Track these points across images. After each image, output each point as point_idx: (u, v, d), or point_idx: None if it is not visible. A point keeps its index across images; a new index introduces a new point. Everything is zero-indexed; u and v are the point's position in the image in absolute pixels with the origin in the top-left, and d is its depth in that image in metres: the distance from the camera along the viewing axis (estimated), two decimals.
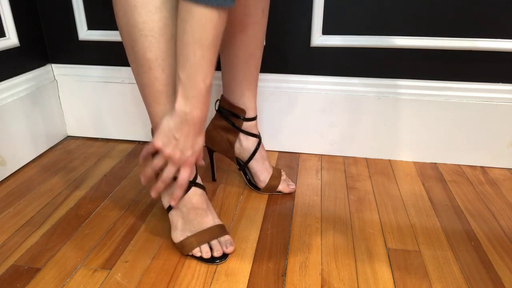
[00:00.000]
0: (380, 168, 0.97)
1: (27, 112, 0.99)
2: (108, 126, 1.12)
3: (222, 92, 0.83)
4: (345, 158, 1.03)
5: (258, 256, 0.68)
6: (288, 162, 1.01)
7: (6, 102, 0.93)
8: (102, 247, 0.70)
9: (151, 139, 0.68)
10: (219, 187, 0.89)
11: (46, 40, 1.06)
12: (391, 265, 0.66)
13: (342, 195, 0.86)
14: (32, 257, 0.68)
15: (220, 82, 0.84)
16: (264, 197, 0.85)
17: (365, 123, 0.99)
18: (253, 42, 0.75)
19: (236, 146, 0.83)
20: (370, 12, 0.90)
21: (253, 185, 0.86)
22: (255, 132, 0.83)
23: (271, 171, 0.85)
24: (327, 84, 0.98)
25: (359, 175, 0.94)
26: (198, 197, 0.69)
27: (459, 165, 0.99)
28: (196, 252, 0.66)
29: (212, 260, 0.66)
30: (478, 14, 0.86)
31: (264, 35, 0.77)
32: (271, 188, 0.85)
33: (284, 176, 0.87)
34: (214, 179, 0.91)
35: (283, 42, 0.96)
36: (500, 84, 0.92)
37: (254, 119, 0.82)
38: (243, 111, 0.80)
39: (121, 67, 1.04)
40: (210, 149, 0.86)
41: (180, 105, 0.59)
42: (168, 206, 0.70)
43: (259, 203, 0.83)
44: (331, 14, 0.91)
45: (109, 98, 1.08)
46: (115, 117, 1.10)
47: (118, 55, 1.02)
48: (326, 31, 0.93)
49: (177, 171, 0.65)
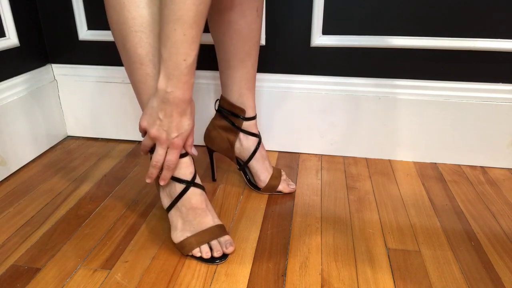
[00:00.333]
0: (380, 168, 0.97)
1: (27, 112, 0.99)
2: (108, 126, 1.12)
3: (221, 92, 0.83)
4: (345, 158, 1.03)
5: (258, 256, 0.68)
6: (288, 162, 1.01)
7: (6, 102, 0.93)
8: (102, 247, 0.70)
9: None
10: (219, 187, 0.89)
11: (46, 40, 1.06)
12: (391, 265, 0.66)
13: (342, 195, 0.86)
14: (32, 257, 0.68)
15: (219, 82, 0.84)
16: (264, 197, 0.85)
17: (365, 123, 0.99)
18: (249, 41, 0.75)
19: (236, 145, 0.83)
20: (370, 12, 0.90)
21: (253, 185, 0.86)
22: (255, 131, 0.83)
23: (271, 170, 0.85)
24: (327, 84, 0.98)
25: (359, 175, 0.94)
26: (198, 197, 0.69)
27: (459, 165, 0.99)
28: (196, 252, 0.66)
29: (212, 260, 0.66)
30: (478, 14, 0.86)
31: (260, 34, 0.77)
32: (271, 188, 0.85)
33: (284, 176, 0.87)
34: (214, 179, 0.91)
35: (283, 42, 0.96)
36: (500, 84, 0.92)
37: (254, 118, 0.82)
38: (243, 111, 0.80)
39: (121, 67, 1.04)
40: (210, 149, 0.86)
41: (161, 84, 0.58)
42: (168, 206, 0.70)
43: (259, 203, 0.83)
44: (331, 14, 0.91)
45: (109, 98, 1.08)
46: (115, 117, 1.10)
47: (118, 55, 1.02)
48: (326, 31, 0.93)
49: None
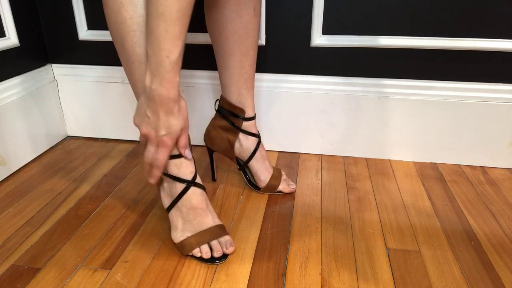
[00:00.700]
0: (380, 168, 0.97)
1: (27, 112, 0.99)
2: (108, 126, 1.12)
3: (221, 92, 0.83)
4: (345, 158, 1.03)
5: (258, 256, 0.68)
6: (288, 162, 1.01)
7: (6, 102, 0.93)
8: (102, 247, 0.70)
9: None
10: (219, 187, 0.89)
11: (46, 40, 1.06)
12: (391, 265, 0.66)
13: (342, 195, 0.86)
14: (32, 257, 0.68)
15: (218, 82, 0.84)
16: (264, 197, 0.85)
17: (365, 123, 0.99)
18: (246, 41, 0.75)
19: (236, 145, 0.83)
20: (370, 12, 0.90)
21: (253, 185, 0.86)
22: (254, 131, 0.83)
23: (271, 170, 0.85)
24: (327, 84, 0.98)
25: (359, 175, 0.94)
26: (198, 197, 0.69)
27: (459, 165, 0.99)
28: (196, 252, 0.66)
29: (212, 260, 0.66)
30: (478, 14, 0.86)
31: (257, 34, 0.77)
32: (272, 188, 0.85)
33: (284, 176, 0.87)
34: (214, 179, 0.91)
35: (283, 42, 0.96)
36: (500, 84, 0.92)
37: (253, 118, 0.82)
38: (242, 111, 0.80)
39: (121, 67, 1.04)
40: (210, 149, 0.86)
41: (147, 81, 0.58)
42: (168, 206, 0.70)
43: (259, 203, 0.83)
44: (331, 14, 0.91)
45: (109, 98, 1.08)
46: (115, 117, 1.10)
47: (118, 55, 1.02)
48: (326, 31, 0.93)
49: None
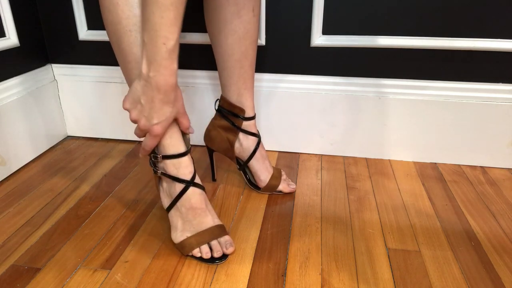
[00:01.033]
0: (380, 168, 0.97)
1: (27, 112, 0.99)
2: (108, 126, 1.12)
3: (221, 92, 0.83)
4: (345, 158, 1.03)
5: (258, 256, 0.68)
6: (288, 162, 1.01)
7: (6, 102, 0.93)
8: (102, 247, 0.70)
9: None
10: (219, 187, 0.89)
11: (46, 40, 1.06)
12: (391, 265, 0.66)
13: (342, 195, 0.86)
14: (32, 257, 0.68)
15: (218, 82, 0.84)
16: (264, 197, 0.85)
17: (365, 123, 0.99)
18: (245, 41, 0.75)
19: (236, 145, 0.83)
20: (370, 12, 0.90)
21: (253, 184, 0.86)
22: (254, 131, 0.83)
23: (271, 170, 0.85)
24: (327, 84, 0.98)
25: (359, 175, 0.94)
26: (197, 197, 0.69)
27: (459, 165, 0.99)
28: (196, 252, 0.66)
29: (212, 260, 0.66)
30: (478, 14, 0.86)
31: (257, 34, 0.77)
32: (272, 188, 0.85)
33: (284, 176, 0.87)
34: (214, 179, 0.91)
35: (283, 42, 0.96)
36: (500, 84, 0.92)
37: (253, 118, 0.82)
38: (242, 111, 0.80)
39: None
40: (210, 149, 0.86)
41: (144, 68, 0.58)
42: (167, 206, 0.70)
43: (259, 203, 0.83)
44: (331, 14, 0.91)
45: (109, 98, 1.08)
46: (115, 117, 1.10)
47: None
48: (326, 31, 0.93)
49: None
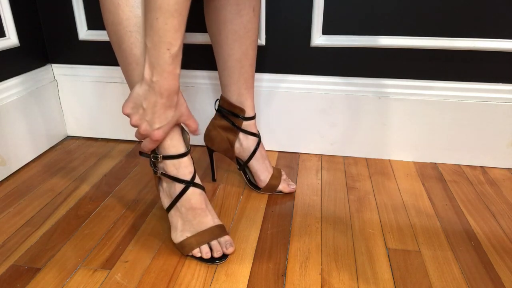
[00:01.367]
0: (380, 168, 0.97)
1: (27, 112, 0.99)
2: (108, 126, 1.12)
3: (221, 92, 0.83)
4: (345, 158, 1.03)
5: (258, 256, 0.68)
6: (288, 162, 1.01)
7: (6, 102, 0.93)
8: (102, 247, 0.70)
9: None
10: (219, 187, 0.89)
11: (46, 40, 1.06)
12: (391, 265, 0.66)
13: (342, 195, 0.86)
14: (32, 257, 0.68)
15: (218, 82, 0.84)
16: (264, 197, 0.85)
17: (365, 123, 0.99)
18: (246, 41, 0.75)
19: (236, 145, 0.83)
20: (370, 12, 0.90)
21: (253, 184, 0.86)
22: (254, 131, 0.83)
23: (271, 170, 0.85)
24: (327, 84, 0.98)
25: (359, 175, 0.94)
26: (197, 197, 0.69)
27: (459, 165, 0.99)
28: (196, 252, 0.66)
29: (212, 260, 0.66)
30: (478, 14, 0.86)
31: (257, 34, 0.77)
32: (272, 188, 0.85)
33: (284, 176, 0.87)
34: (214, 179, 0.91)
35: (283, 42, 0.96)
36: (500, 84, 0.92)
37: (253, 118, 0.82)
38: (242, 110, 0.80)
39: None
40: (210, 149, 0.86)
41: (147, 73, 0.58)
42: (167, 206, 0.70)
43: (259, 203, 0.83)
44: (331, 14, 0.91)
45: (109, 98, 1.08)
46: (115, 117, 1.10)
47: None
48: (326, 31, 0.93)
49: None
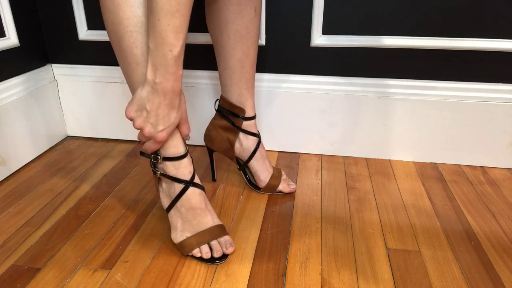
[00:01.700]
0: (380, 168, 0.97)
1: (27, 112, 0.99)
2: (108, 126, 1.12)
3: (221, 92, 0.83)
4: (345, 158, 1.03)
5: (258, 256, 0.68)
6: (288, 162, 1.01)
7: (6, 102, 0.93)
8: (102, 247, 0.70)
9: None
10: (219, 187, 0.89)
11: (46, 40, 1.06)
12: (391, 265, 0.66)
13: (342, 195, 0.86)
14: (32, 257, 0.68)
15: (219, 82, 0.84)
16: (264, 197, 0.85)
17: (365, 123, 0.99)
18: (247, 41, 0.75)
19: (236, 145, 0.83)
20: (370, 12, 0.90)
21: (253, 184, 0.86)
22: (254, 131, 0.83)
23: (271, 170, 0.85)
24: (327, 84, 0.98)
25: (359, 175, 0.94)
26: (197, 197, 0.69)
27: (459, 165, 0.99)
28: (196, 252, 0.66)
29: (212, 260, 0.66)
30: (478, 14, 0.86)
31: (258, 34, 0.77)
32: (272, 188, 0.85)
33: (284, 176, 0.87)
34: (214, 179, 0.91)
35: (283, 42, 0.96)
36: (500, 84, 0.92)
37: (253, 118, 0.82)
38: (242, 111, 0.80)
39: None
40: (210, 149, 0.86)
41: (149, 75, 0.58)
42: (167, 207, 0.70)
43: (259, 203, 0.83)
44: (331, 14, 0.91)
45: (109, 98, 1.08)
46: (115, 117, 1.10)
47: None
48: (326, 31, 0.93)
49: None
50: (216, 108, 0.84)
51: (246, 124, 0.81)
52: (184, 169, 0.68)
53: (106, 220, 0.77)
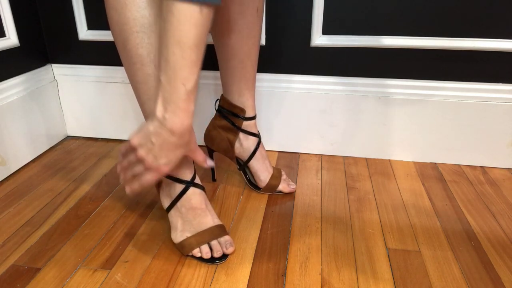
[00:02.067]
0: (380, 168, 0.97)
1: (27, 112, 0.99)
2: (108, 126, 1.12)
3: (222, 92, 0.83)
4: (345, 158, 1.03)
5: (258, 256, 0.68)
6: (288, 162, 1.01)
7: (6, 102, 0.93)
8: (102, 247, 0.70)
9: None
10: (219, 187, 0.89)
11: (46, 40, 1.06)
12: (391, 265, 0.66)
13: (342, 195, 0.86)
14: (32, 257, 0.68)
15: (219, 82, 0.84)
16: (264, 197, 0.85)
17: (365, 123, 0.99)
18: (249, 41, 0.75)
19: (236, 145, 0.83)
20: (370, 12, 0.90)
21: (253, 184, 0.86)
22: (254, 131, 0.83)
23: (271, 170, 0.85)
24: (327, 84, 0.98)
25: (359, 175, 0.94)
26: (197, 197, 0.69)
27: (459, 165, 0.99)
28: (196, 252, 0.66)
29: (212, 260, 0.66)
30: (478, 14, 0.86)
31: (260, 34, 0.77)
32: (271, 188, 0.85)
33: (284, 176, 0.87)
34: (214, 179, 0.91)
35: (283, 42, 0.96)
36: (500, 84, 0.92)
37: (254, 118, 0.82)
38: (242, 111, 0.80)
39: (121, 67, 1.04)
40: (210, 149, 0.86)
41: (159, 110, 0.55)
42: (167, 207, 0.70)
43: (259, 203, 0.83)
44: (331, 14, 0.91)
45: (109, 98, 1.08)
46: (115, 117, 1.10)
47: (118, 55, 1.02)
48: (326, 31, 0.93)
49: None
50: (216, 108, 0.84)
51: (246, 124, 0.81)
52: (185, 169, 0.68)
53: (106, 220, 0.77)
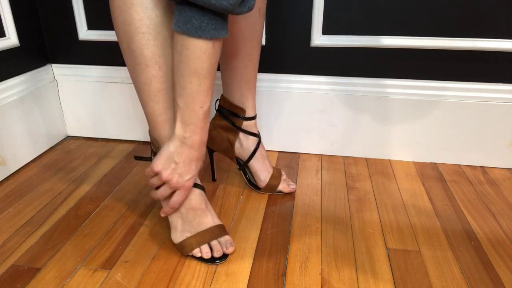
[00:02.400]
0: (380, 168, 0.97)
1: (27, 112, 0.99)
2: (108, 126, 1.12)
3: (222, 92, 0.83)
4: (345, 158, 1.03)
5: (258, 256, 0.68)
6: (288, 162, 1.01)
7: (6, 102, 0.93)
8: (102, 247, 0.70)
9: (149, 139, 0.68)
10: (219, 187, 0.89)
11: (46, 40, 1.06)
12: (391, 265, 0.66)
13: (342, 195, 0.86)
14: (32, 257, 0.68)
15: (220, 82, 0.84)
16: (264, 197, 0.85)
17: (365, 123, 0.99)
18: (250, 41, 0.75)
19: (236, 145, 0.83)
20: (370, 12, 0.90)
21: (253, 184, 0.86)
22: (254, 131, 0.83)
23: (271, 170, 0.85)
24: (327, 84, 0.98)
25: (359, 175, 0.94)
26: (197, 197, 0.69)
27: (459, 165, 0.99)
28: (196, 252, 0.66)
29: (212, 260, 0.66)
30: (478, 14, 0.86)
31: (262, 35, 0.77)
32: (271, 188, 0.85)
33: (284, 176, 0.87)
34: (214, 179, 0.91)
35: (283, 42, 0.96)
36: (500, 84, 0.92)
37: (254, 118, 0.82)
38: (243, 111, 0.80)
39: (121, 67, 1.04)
40: (210, 149, 0.86)
41: (179, 131, 0.61)
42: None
43: (259, 203, 0.83)
44: (331, 14, 0.91)
45: (109, 98, 1.08)
46: (115, 117, 1.10)
47: (118, 55, 1.02)
48: (326, 31, 0.93)
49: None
50: (216, 108, 0.84)
51: (246, 124, 0.81)
52: None
53: (106, 220, 0.77)
